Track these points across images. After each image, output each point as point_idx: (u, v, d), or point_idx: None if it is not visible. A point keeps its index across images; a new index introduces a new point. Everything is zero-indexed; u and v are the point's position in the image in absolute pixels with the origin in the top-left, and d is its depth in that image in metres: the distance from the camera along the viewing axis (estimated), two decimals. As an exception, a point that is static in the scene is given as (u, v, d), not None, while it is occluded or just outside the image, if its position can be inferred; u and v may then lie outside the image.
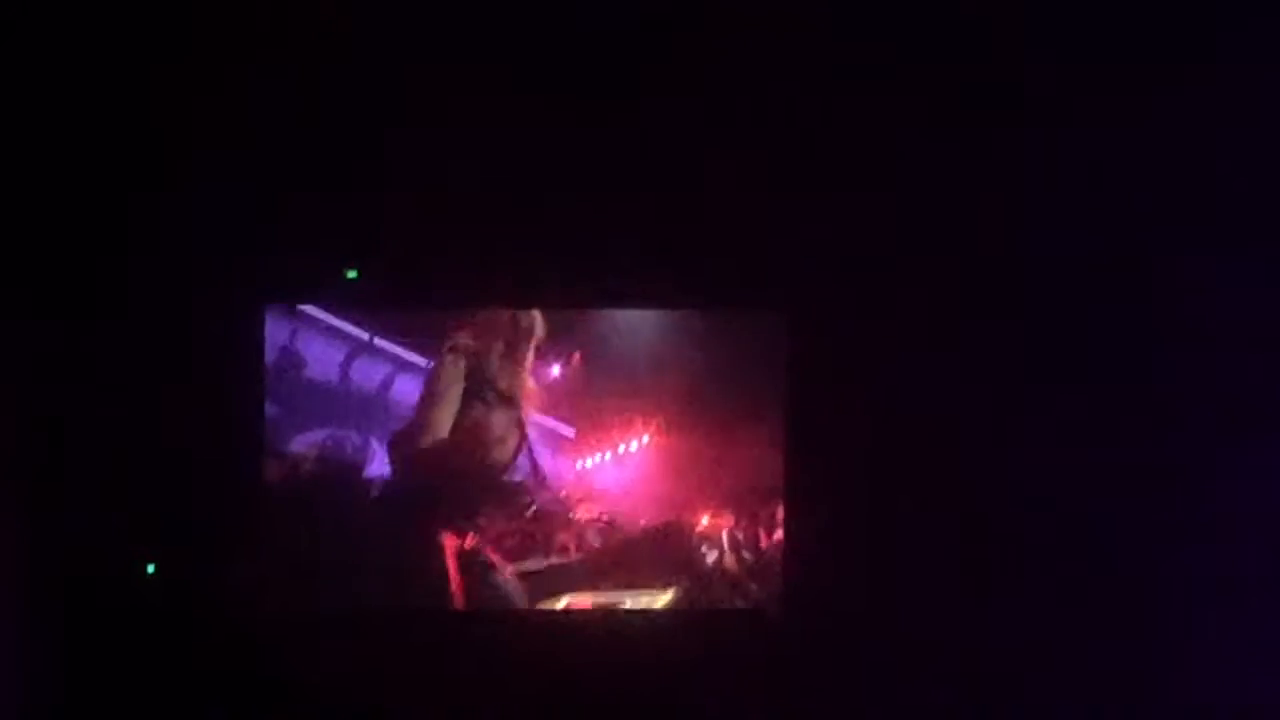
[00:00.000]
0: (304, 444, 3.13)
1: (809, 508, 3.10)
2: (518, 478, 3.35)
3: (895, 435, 3.05)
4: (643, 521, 3.49)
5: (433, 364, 3.13)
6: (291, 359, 3.10)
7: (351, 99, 2.79)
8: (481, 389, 3.19)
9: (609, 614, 3.18)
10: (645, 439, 3.42)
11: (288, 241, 2.87)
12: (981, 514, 3.03)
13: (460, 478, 3.25)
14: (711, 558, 3.47)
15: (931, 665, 3.02)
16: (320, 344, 3.09)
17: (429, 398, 3.15)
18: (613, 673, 3.06)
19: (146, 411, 2.84)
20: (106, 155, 2.78)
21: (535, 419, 3.33)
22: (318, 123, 2.79)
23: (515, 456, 3.27)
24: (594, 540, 3.46)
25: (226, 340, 2.88)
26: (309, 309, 3.07)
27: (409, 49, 2.75)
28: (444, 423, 3.19)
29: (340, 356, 3.12)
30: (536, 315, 3.15)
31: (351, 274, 2.96)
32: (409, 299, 3.03)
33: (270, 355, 3.06)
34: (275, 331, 3.04)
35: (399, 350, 3.15)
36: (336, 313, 3.09)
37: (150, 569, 2.93)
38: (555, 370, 3.28)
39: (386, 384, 3.17)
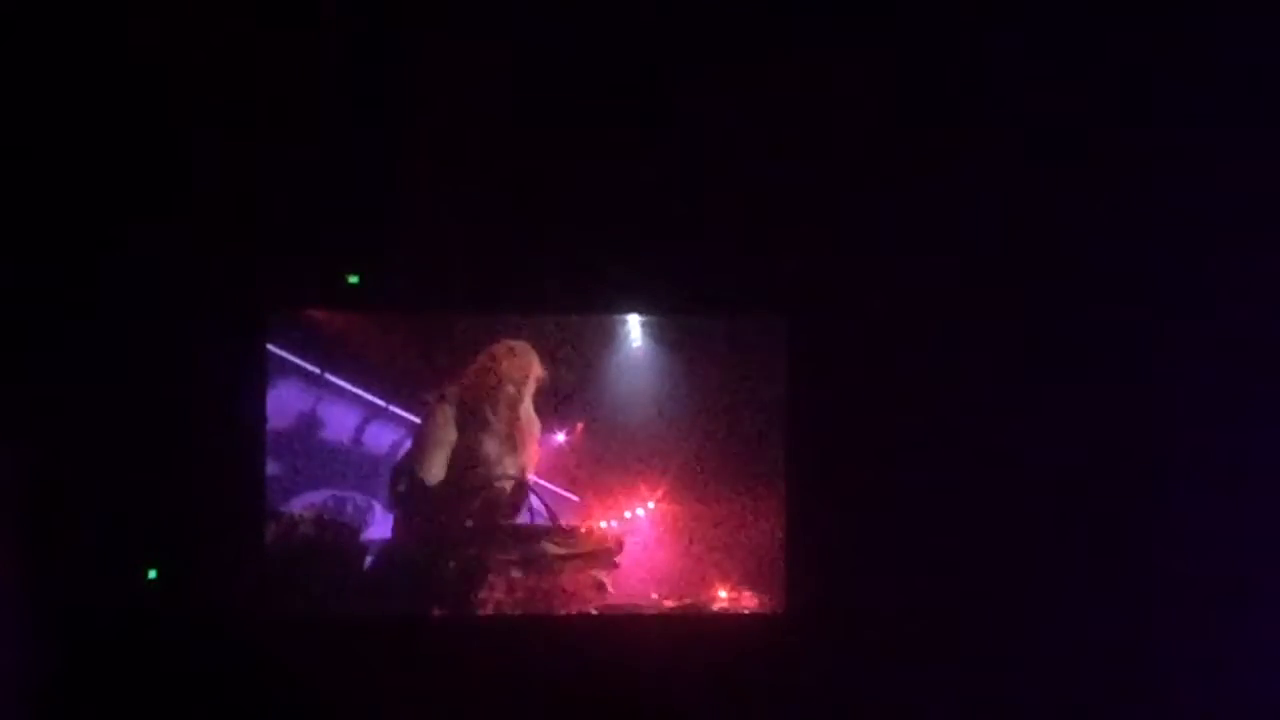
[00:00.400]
0: (306, 503, 3.17)
1: (811, 508, 3.01)
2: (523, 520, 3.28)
3: (897, 437, 3.02)
4: (654, 595, 3.29)
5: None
6: (310, 422, 3.23)
7: (353, 102, 2.86)
8: (475, 434, 3.26)
9: (613, 617, 3.06)
10: (651, 505, 3.34)
11: (291, 247, 2.96)
12: (984, 516, 2.98)
13: (458, 527, 3.21)
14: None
15: (934, 666, 2.96)
16: (339, 410, 3.24)
17: (420, 445, 3.22)
18: (617, 675, 2.95)
19: (148, 414, 2.87)
20: (107, 160, 2.82)
21: (540, 484, 3.32)
22: (320, 128, 2.87)
23: (517, 502, 3.24)
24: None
25: (229, 345, 2.94)
26: (333, 378, 3.26)
27: (411, 53, 2.85)
28: (437, 466, 3.22)
29: (356, 420, 3.27)
30: (533, 356, 3.26)
31: (353, 279, 3.05)
32: (410, 304, 3.11)
33: (290, 420, 3.20)
34: (300, 399, 3.20)
35: (412, 417, 3.27)
36: (357, 382, 3.27)
37: (151, 574, 2.89)
38: (560, 437, 3.34)
39: (396, 447, 3.27)
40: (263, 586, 3.02)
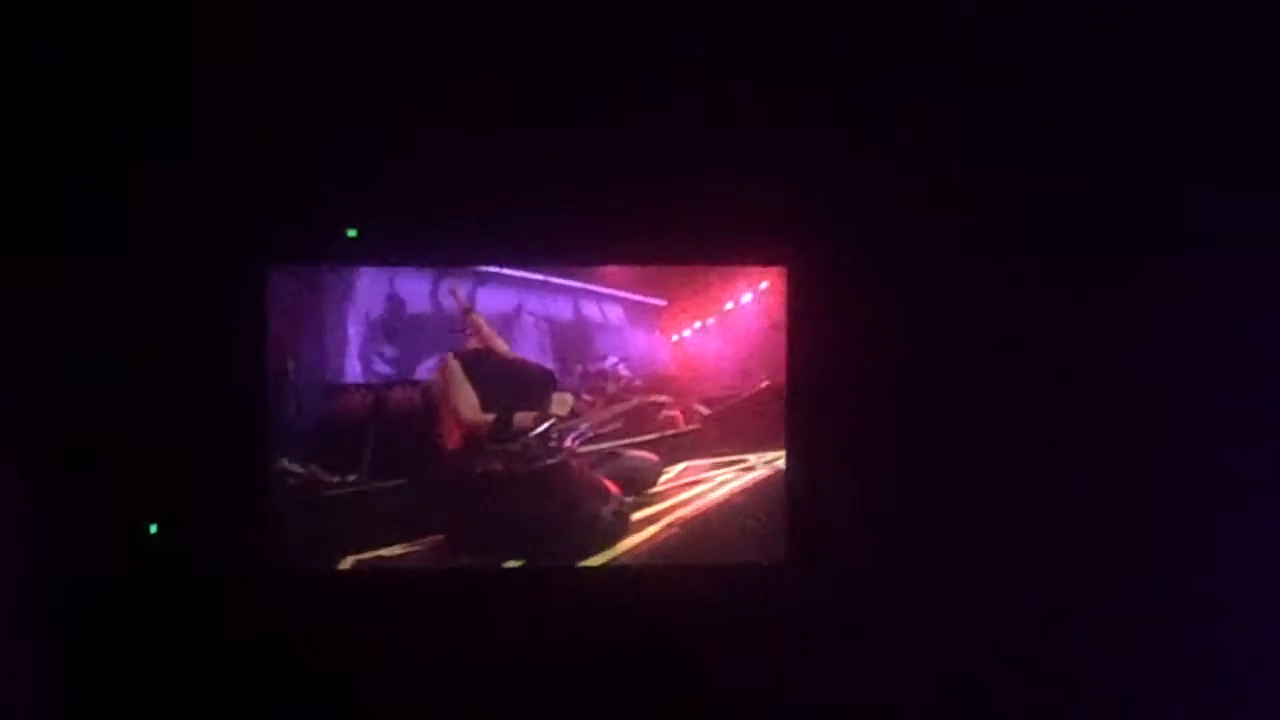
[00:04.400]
0: (428, 370, 3.32)
1: (811, 458, 3.04)
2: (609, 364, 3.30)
3: (897, 388, 3.01)
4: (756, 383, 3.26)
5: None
6: (396, 304, 3.31)
7: (351, 56, 2.84)
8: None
9: (615, 567, 3.10)
10: (750, 296, 3.21)
11: (288, 202, 2.93)
12: (984, 467, 2.99)
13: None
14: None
15: (932, 618, 3.00)
16: (412, 281, 3.29)
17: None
18: (620, 623, 3.03)
19: (149, 370, 2.90)
20: (104, 117, 2.80)
21: (620, 295, 3.27)
22: (317, 81, 2.85)
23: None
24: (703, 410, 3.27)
25: (228, 301, 2.94)
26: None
27: (410, 7, 2.82)
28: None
29: (428, 287, 3.31)
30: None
31: (352, 233, 3.01)
32: (410, 257, 3.09)
33: (382, 308, 3.28)
34: (378, 282, 3.25)
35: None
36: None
37: (153, 529, 2.89)
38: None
39: (471, 297, 3.31)
40: (265, 544, 3.07)
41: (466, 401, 3.20)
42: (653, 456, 3.31)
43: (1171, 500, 2.95)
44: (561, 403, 3.22)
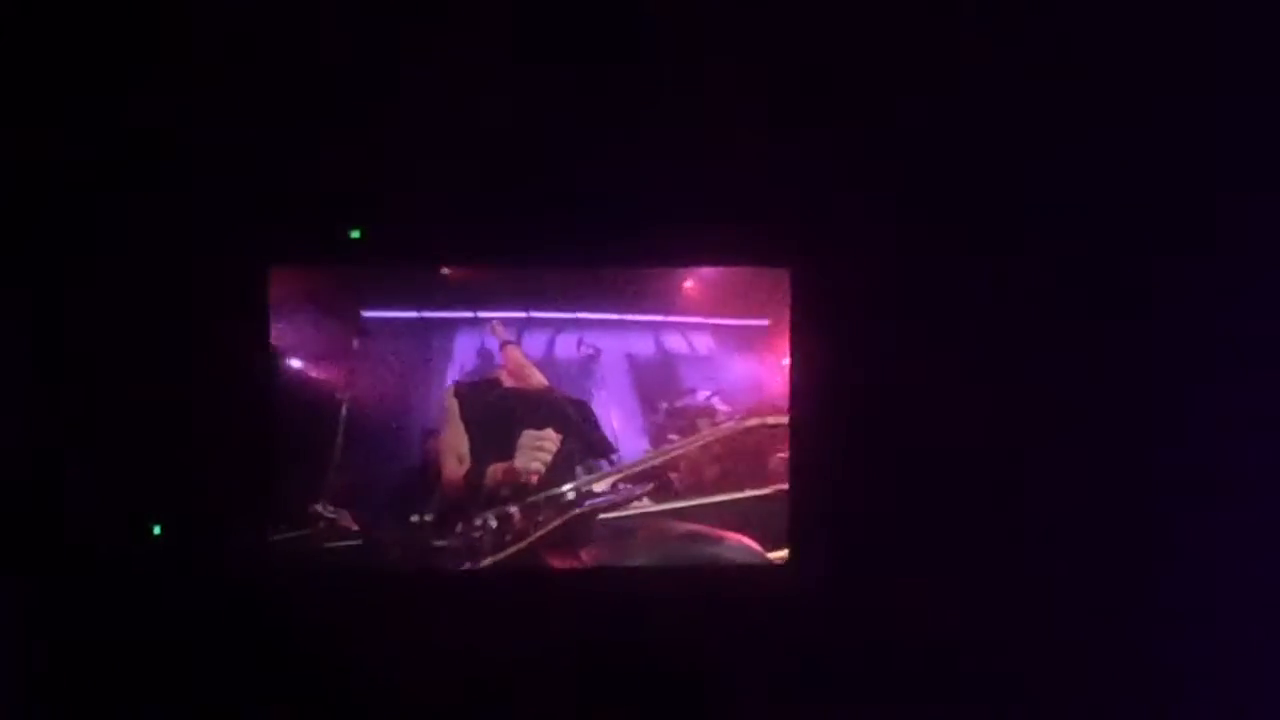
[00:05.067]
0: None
1: (813, 461, 2.87)
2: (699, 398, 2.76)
3: (902, 389, 2.89)
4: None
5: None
6: (488, 357, 2.94)
7: (353, 56, 2.76)
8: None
9: (616, 569, 2.92)
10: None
11: (290, 203, 2.82)
12: (988, 465, 2.90)
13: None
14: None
15: (934, 613, 2.86)
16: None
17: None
18: (622, 626, 2.85)
19: (149, 372, 2.76)
20: (105, 116, 2.74)
21: (717, 323, 2.78)
22: (318, 78, 2.76)
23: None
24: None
25: (230, 304, 2.79)
26: (486, 313, 2.91)
27: (412, 9, 2.77)
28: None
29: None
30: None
31: (355, 233, 2.86)
32: (413, 257, 2.87)
33: (473, 362, 2.90)
34: (469, 341, 2.92)
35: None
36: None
37: (156, 530, 2.77)
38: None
39: (550, 345, 2.90)
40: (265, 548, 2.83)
41: (454, 448, 2.74)
42: (753, 544, 2.77)
43: (1175, 504, 2.90)
44: (536, 447, 2.68)
